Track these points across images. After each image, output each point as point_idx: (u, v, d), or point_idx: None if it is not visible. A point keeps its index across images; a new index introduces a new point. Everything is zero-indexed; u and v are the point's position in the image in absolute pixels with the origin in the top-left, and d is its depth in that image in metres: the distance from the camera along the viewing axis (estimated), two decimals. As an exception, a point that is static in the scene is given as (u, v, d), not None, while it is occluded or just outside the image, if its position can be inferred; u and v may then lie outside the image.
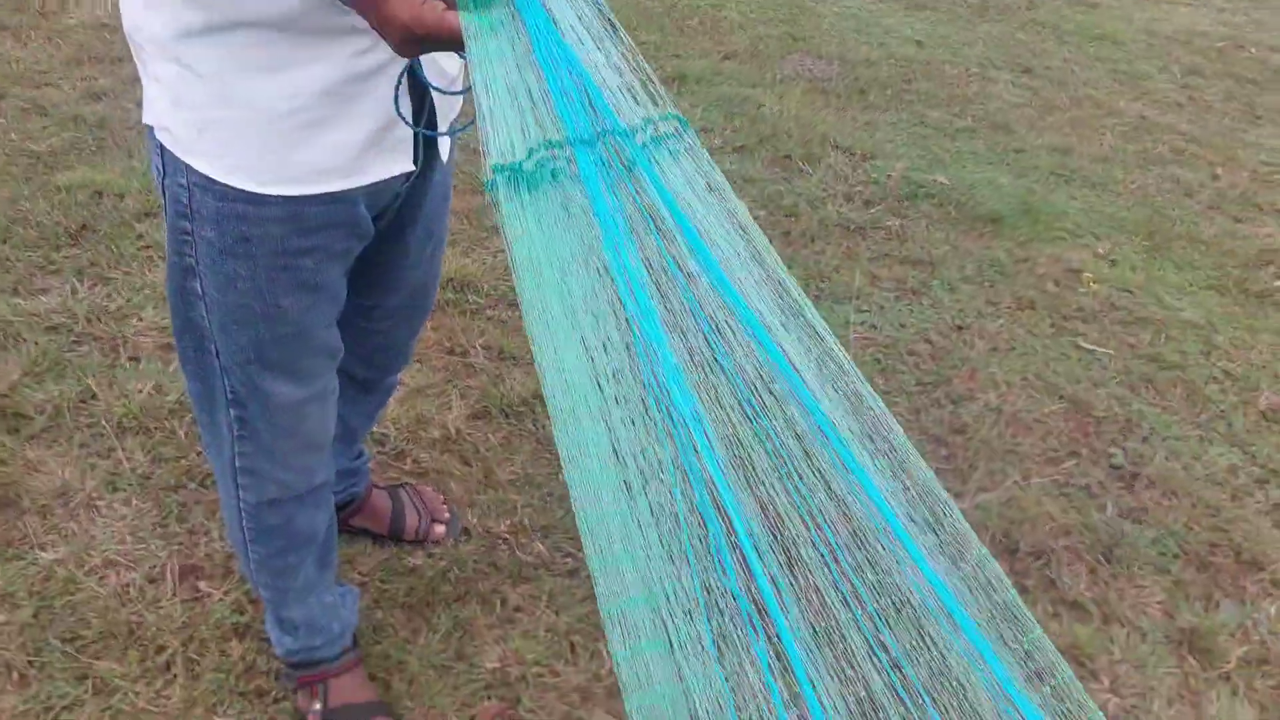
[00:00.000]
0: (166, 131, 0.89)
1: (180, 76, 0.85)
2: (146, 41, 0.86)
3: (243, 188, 0.89)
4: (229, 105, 0.86)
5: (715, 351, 0.67)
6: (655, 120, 0.67)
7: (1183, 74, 3.88)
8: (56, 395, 1.70)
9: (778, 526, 0.67)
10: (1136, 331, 2.25)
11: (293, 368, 1.04)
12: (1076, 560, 1.66)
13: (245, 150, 0.88)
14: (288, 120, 0.87)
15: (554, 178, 0.66)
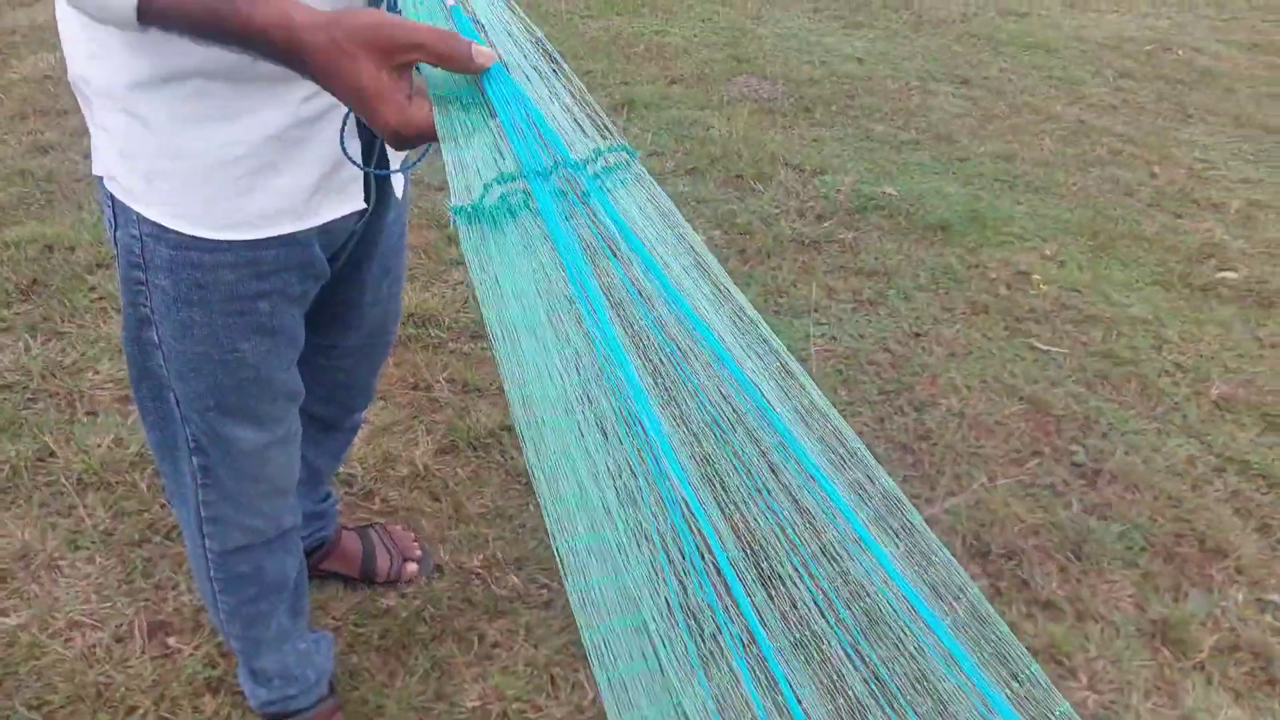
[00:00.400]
0: (115, 181, 0.89)
1: (128, 127, 0.85)
2: (93, 93, 0.86)
3: (195, 234, 0.89)
4: (177, 155, 0.86)
5: (679, 371, 0.68)
6: (604, 152, 0.69)
7: (1115, 78, 4.01)
8: (13, 455, 1.66)
9: (750, 542, 0.68)
10: (1088, 330, 2.31)
11: (254, 413, 1.03)
12: (1047, 559, 1.69)
13: (195, 198, 0.88)
14: (237, 167, 0.87)
15: (513, 213, 0.67)
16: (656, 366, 0.67)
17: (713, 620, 0.64)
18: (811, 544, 0.68)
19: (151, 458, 1.69)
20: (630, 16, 4.25)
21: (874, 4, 4.75)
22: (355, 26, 0.66)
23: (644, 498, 0.63)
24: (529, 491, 1.74)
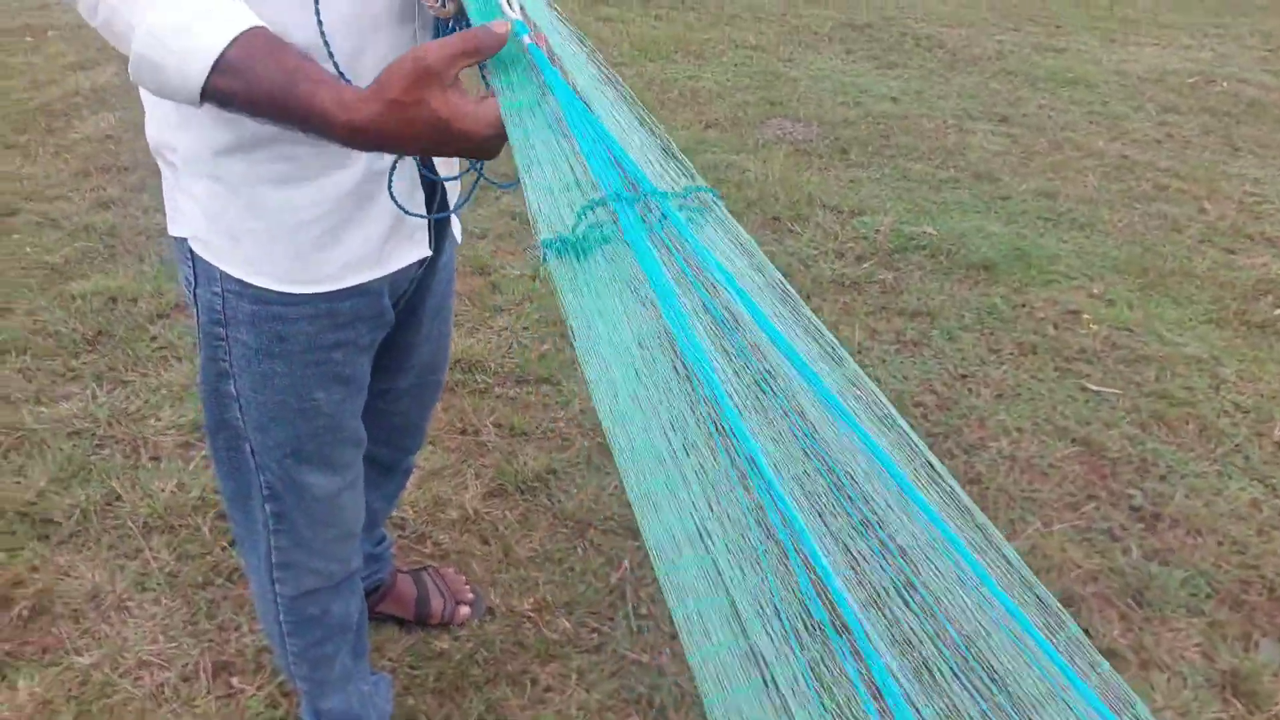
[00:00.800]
0: (201, 243, 0.93)
1: (212, 191, 0.89)
2: (179, 159, 0.91)
3: (279, 289, 0.93)
4: (261, 216, 0.90)
5: (774, 395, 0.69)
6: (691, 192, 0.71)
7: (1158, 112, 3.99)
8: (83, 499, 1.72)
9: (856, 563, 0.68)
10: (1141, 369, 2.28)
11: (327, 459, 1.06)
12: (1107, 606, 1.66)
13: (279, 255, 0.92)
14: (317, 225, 0.91)
15: (602, 242, 0.69)
16: (754, 394, 0.68)
17: (823, 642, 0.64)
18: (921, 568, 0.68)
19: (214, 502, 1.74)
20: (663, 63, 4.33)
21: (907, 44, 4.79)
22: (405, 76, 0.70)
23: (749, 519, 0.63)
24: (576, 534, 1.75)
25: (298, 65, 0.72)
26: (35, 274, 2.41)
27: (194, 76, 0.70)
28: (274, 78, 0.70)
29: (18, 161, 3.01)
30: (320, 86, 0.71)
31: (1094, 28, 5.27)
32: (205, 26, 0.70)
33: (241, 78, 0.71)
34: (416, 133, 0.71)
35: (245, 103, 0.73)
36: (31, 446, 1.85)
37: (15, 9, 4.56)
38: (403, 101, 0.70)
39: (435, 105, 0.70)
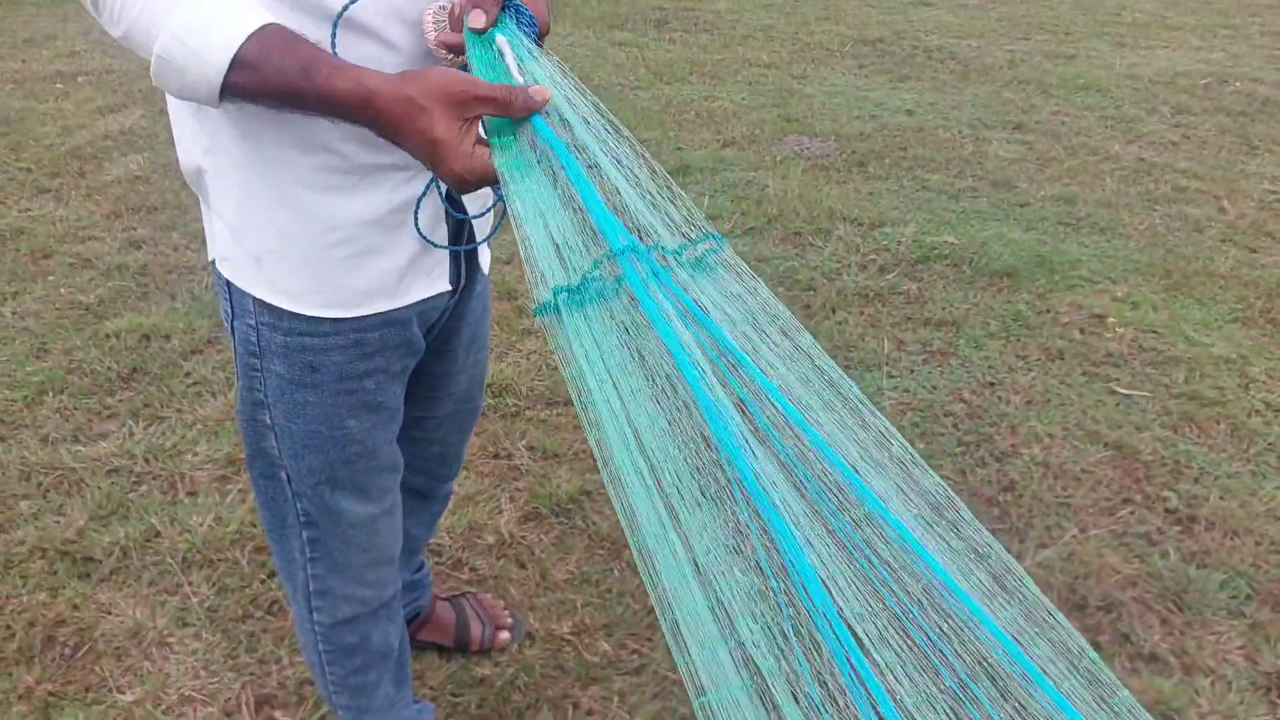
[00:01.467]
0: (227, 262, 0.96)
1: (239, 212, 0.92)
2: (209, 181, 0.94)
3: (303, 313, 0.95)
4: (284, 238, 0.92)
5: (778, 447, 0.69)
6: (697, 241, 0.73)
7: (1172, 113, 3.98)
8: (122, 537, 1.74)
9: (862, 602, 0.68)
10: (1169, 371, 2.26)
11: (362, 485, 1.08)
12: (1147, 610, 1.64)
13: (302, 277, 0.94)
14: (339, 249, 0.93)
15: (600, 295, 0.70)
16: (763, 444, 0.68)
17: (834, 678, 0.64)
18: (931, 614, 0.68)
19: (251, 535, 1.75)
20: (679, 85, 4.37)
21: (919, 57, 4.81)
22: (429, 84, 0.74)
23: (762, 560, 0.64)
24: (613, 556, 1.76)
25: (312, 54, 0.75)
26: (70, 314, 2.46)
27: (213, 74, 0.74)
28: (290, 67, 0.74)
29: (51, 205, 3.07)
30: (336, 72, 0.75)
31: (1103, 33, 5.27)
32: (221, 26, 0.74)
33: (260, 71, 0.74)
34: (409, 133, 0.75)
35: (264, 94, 0.76)
36: (71, 485, 1.88)
37: (47, 57, 4.67)
38: (415, 102, 0.74)
39: (437, 128, 0.74)
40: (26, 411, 2.09)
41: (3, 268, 2.68)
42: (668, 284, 0.70)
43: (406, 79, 0.75)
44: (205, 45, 0.74)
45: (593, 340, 0.71)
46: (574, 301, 0.72)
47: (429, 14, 0.83)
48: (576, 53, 4.81)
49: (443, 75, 0.75)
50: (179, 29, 0.74)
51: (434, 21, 0.83)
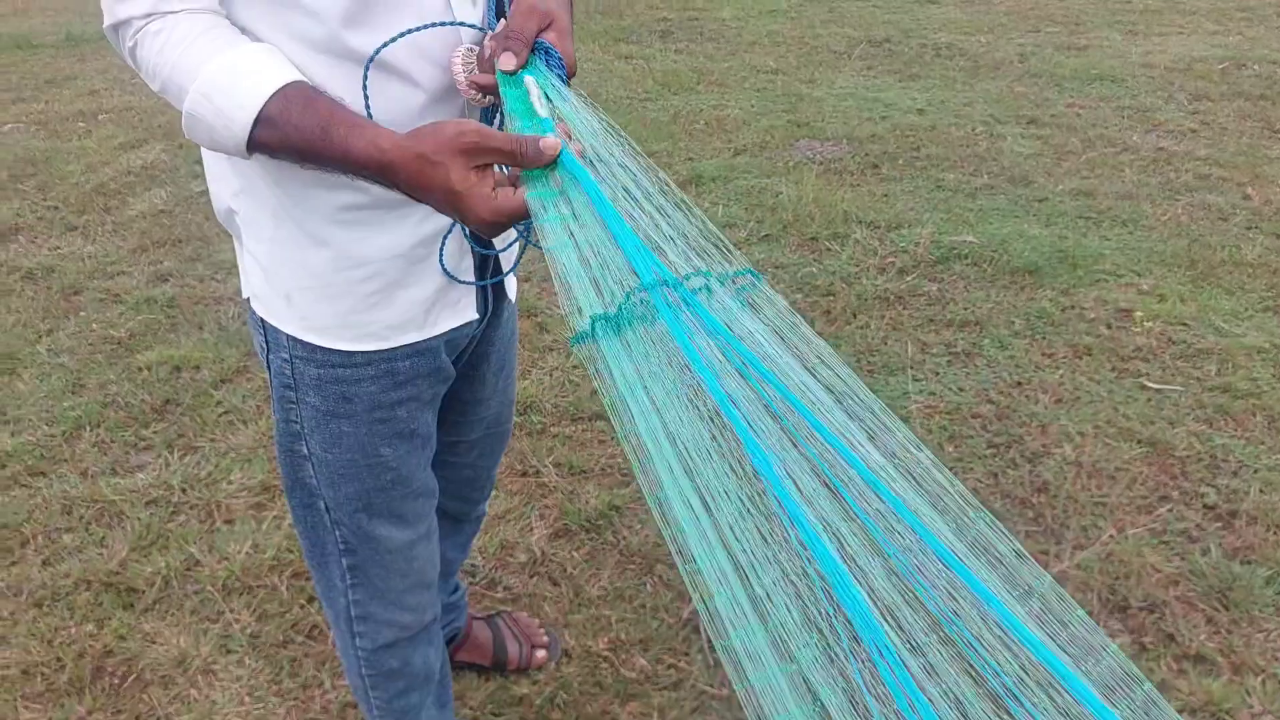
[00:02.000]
0: (259, 300, 0.99)
1: (270, 252, 0.95)
2: (242, 223, 0.96)
3: (333, 347, 0.97)
4: (313, 276, 0.95)
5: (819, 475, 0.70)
6: (730, 276, 0.73)
7: (1190, 101, 3.95)
8: (163, 566, 1.77)
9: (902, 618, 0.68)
10: (1201, 363, 2.24)
11: (398, 511, 1.09)
12: (1191, 610, 1.62)
13: (330, 314, 0.96)
14: (367, 285, 0.95)
15: (636, 322, 0.71)
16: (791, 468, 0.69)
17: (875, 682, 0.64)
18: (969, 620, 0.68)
19: (289, 560, 1.78)
20: (687, 95, 4.38)
21: (927, 55, 4.80)
22: (441, 139, 0.76)
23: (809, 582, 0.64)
24: (644, 570, 1.76)
25: (331, 113, 0.78)
26: (103, 349, 2.50)
27: (239, 131, 0.78)
28: (309, 126, 0.77)
29: (79, 242, 3.13)
30: (353, 131, 0.78)
31: (1115, 22, 5.23)
32: (245, 85, 0.77)
33: (281, 129, 0.78)
34: (429, 188, 0.77)
35: (288, 151, 0.80)
36: (111, 517, 1.92)
37: (69, 97, 4.76)
38: (429, 159, 0.76)
39: (454, 179, 0.76)
40: (66, 446, 2.13)
41: (36, 306, 2.74)
42: (701, 314, 0.71)
43: (419, 136, 0.77)
44: (230, 104, 0.77)
45: (632, 368, 0.72)
46: (611, 330, 0.73)
47: (457, 56, 0.85)
48: (584, 68, 4.84)
49: (455, 127, 0.76)
50: (206, 87, 0.77)
51: (463, 64, 0.85)
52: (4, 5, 7.26)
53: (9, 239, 3.18)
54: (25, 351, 2.50)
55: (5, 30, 6.25)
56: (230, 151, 0.81)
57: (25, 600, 1.72)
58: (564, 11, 0.88)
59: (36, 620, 1.68)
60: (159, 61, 0.78)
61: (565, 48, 0.86)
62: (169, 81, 0.79)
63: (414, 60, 0.85)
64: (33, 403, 2.28)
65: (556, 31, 0.86)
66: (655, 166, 0.80)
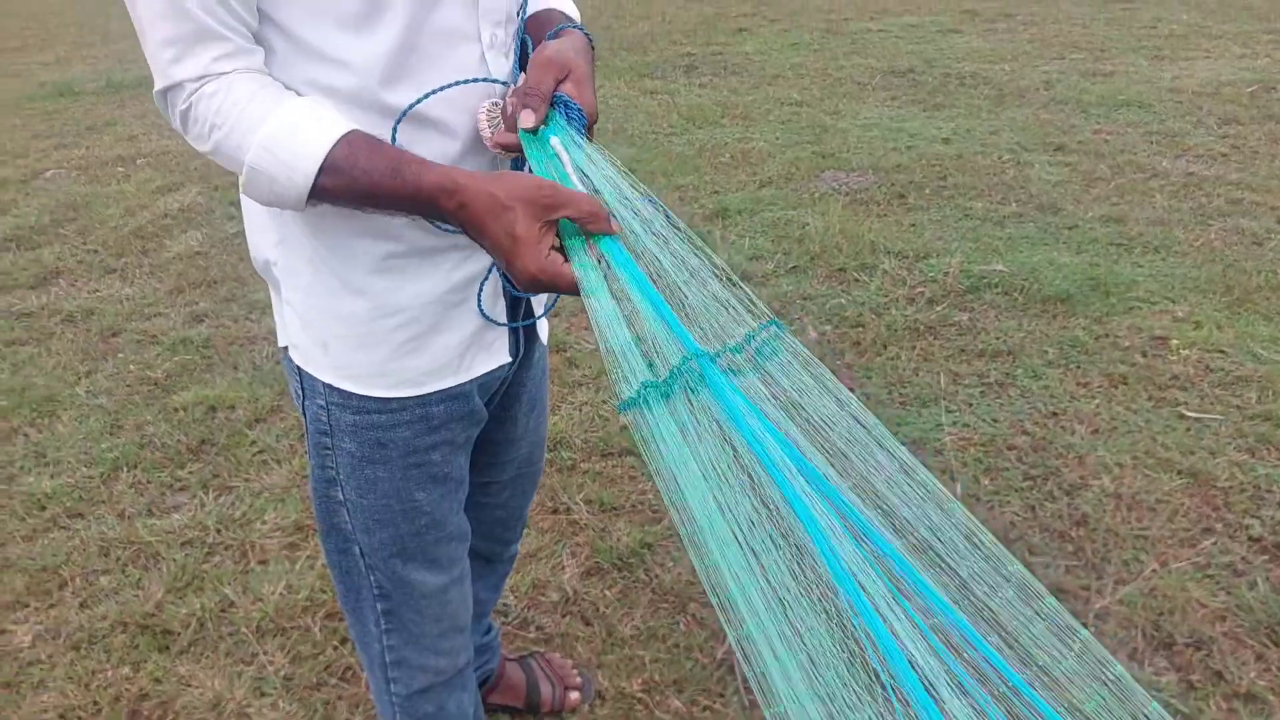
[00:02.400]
0: (297, 349, 1.00)
1: (306, 301, 0.96)
2: (280, 273, 0.97)
3: (369, 394, 0.98)
4: (350, 324, 0.96)
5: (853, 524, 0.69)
6: (758, 332, 0.74)
7: (1219, 125, 3.91)
8: (198, 608, 1.78)
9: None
10: (1240, 391, 2.20)
11: (432, 556, 1.09)
12: (1240, 646, 1.58)
13: (367, 360, 0.97)
14: (402, 332, 0.96)
15: (682, 390, 0.72)
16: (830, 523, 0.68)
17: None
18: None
19: (322, 601, 1.78)
20: (712, 129, 4.41)
21: (951, 84, 4.80)
22: (516, 185, 0.79)
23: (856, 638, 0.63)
24: (678, 609, 1.74)
25: (399, 155, 0.81)
26: (140, 390, 2.54)
27: (301, 180, 0.80)
28: (379, 168, 0.80)
29: (117, 284, 3.20)
30: (425, 167, 0.80)
31: (1139, 47, 5.21)
32: (308, 135, 0.79)
33: (348, 174, 0.80)
34: (491, 229, 0.79)
35: (351, 196, 0.82)
36: (147, 559, 1.94)
37: (108, 142, 4.90)
38: (500, 200, 0.78)
39: (519, 227, 0.78)
40: (103, 487, 2.16)
41: (75, 348, 2.79)
42: (737, 386, 0.72)
43: (493, 178, 0.79)
44: (293, 154, 0.79)
45: (677, 434, 0.73)
46: (660, 395, 0.74)
47: (482, 112, 0.87)
48: (609, 103, 4.89)
49: (531, 179, 0.79)
50: (268, 141, 0.79)
51: (488, 119, 0.86)
52: (47, 54, 7.50)
53: (50, 282, 3.26)
54: (65, 393, 2.54)
55: (48, 78, 6.46)
56: (290, 204, 0.83)
57: (63, 643, 1.74)
58: (582, 59, 0.89)
59: (74, 663, 1.69)
60: (217, 121, 0.80)
61: (585, 96, 0.87)
62: (225, 140, 0.81)
63: (450, 111, 0.87)
64: (72, 444, 2.32)
65: (574, 81, 0.87)
66: (673, 215, 0.81)
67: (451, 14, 0.85)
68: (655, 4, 7.60)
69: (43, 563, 1.93)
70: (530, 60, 0.88)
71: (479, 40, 0.88)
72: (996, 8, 6.48)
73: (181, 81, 0.81)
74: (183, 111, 0.82)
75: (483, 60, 0.88)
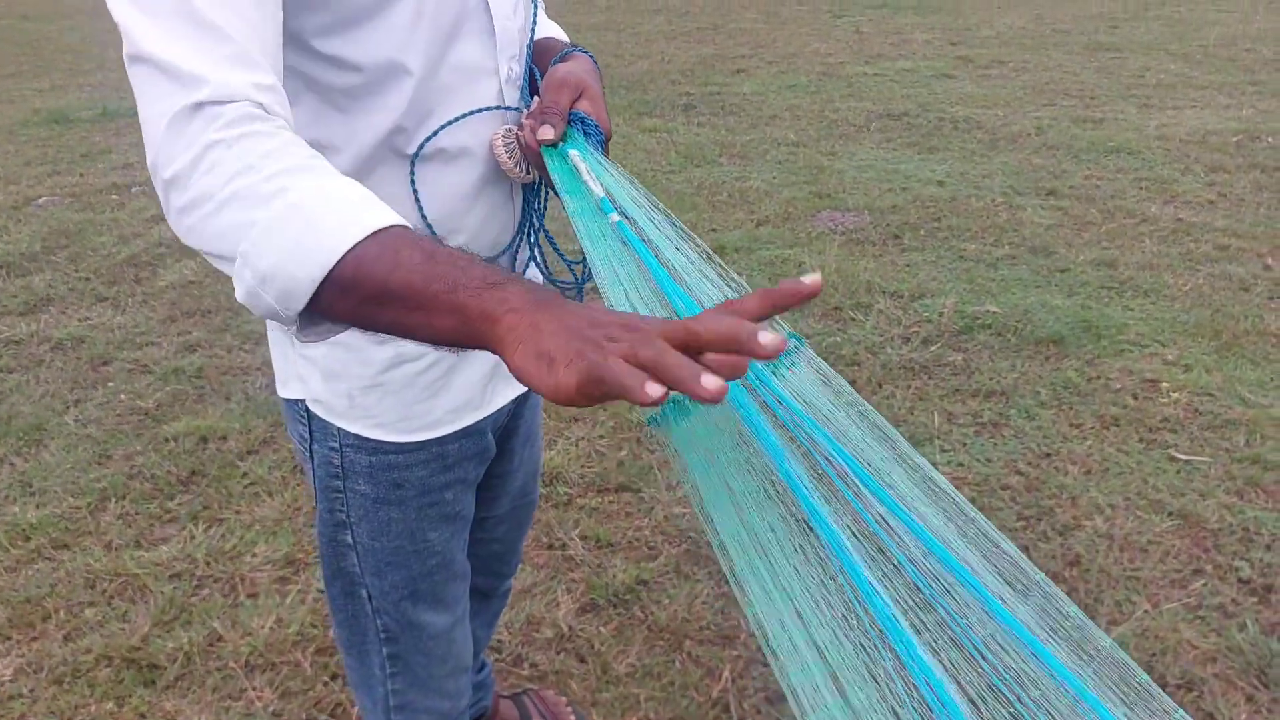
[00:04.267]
0: (319, 404, 0.97)
1: (330, 354, 0.94)
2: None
3: (394, 440, 0.97)
4: (375, 373, 0.94)
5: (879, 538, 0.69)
6: None
7: (1206, 172, 3.98)
8: (186, 642, 1.75)
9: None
10: (1229, 434, 2.22)
11: (440, 596, 1.08)
12: (1230, 688, 1.57)
13: (393, 409, 0.96)
14: (426, 375, 0.95)
15: (694, 409, 0.71)
16: (861, 534, 0.68)
17: None
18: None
19: (313, 636, 1.76)
20: (710, 167, 4.46)
21: (945, 128, 4.88)
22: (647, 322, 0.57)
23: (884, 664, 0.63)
24: (673, 647, 1.73)
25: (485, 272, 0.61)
26: (130, 419, 2.52)
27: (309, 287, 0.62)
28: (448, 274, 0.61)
29: (110, 313, 3.19)
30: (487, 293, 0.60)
31: (1129, 95, 5.32)
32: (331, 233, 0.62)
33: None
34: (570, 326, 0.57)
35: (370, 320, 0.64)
36: (134, 591, 1.91)
37: (103, 170, 4.90)
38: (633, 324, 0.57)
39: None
40: (90, 518, 2.14)
41: (65, 376, 2.77)
42: (770, 388, 0.71)
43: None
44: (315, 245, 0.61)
45: (706, 446, 0.72)
46: (684, 410, 0.73)
47: (498, 139, 0.87)
48: (607, 140, 4.94)
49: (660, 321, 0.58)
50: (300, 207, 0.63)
51: (505, 147, 0.87)
52: (42, 80, 7.54)
53: (40, 310, 3.24)
54: (53, 422, 2.52)
55: (43, 105, 6.48)
56: (284, 321, 0.66)
57: (45, 677, 1.70)
58: (593, 79, 0.90)
59: (56, 698, 1.66)
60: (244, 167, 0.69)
61: (599, 113, 0.88)
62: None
63: (471, 139, 0.87)
64: (59, 474, 2.30)
65: (589, 99, 0.88)
66: (691, 233, 0.81)
67: (469, 49, 0.86)
68: (654, 44, 7.71)
69: (26, 594, 1.90)
70: (543, 82, 0.89)
71: (497, 75, 0.89)
72: (989, 54, 6.60)
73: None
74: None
75: (500, 95, 0.89)
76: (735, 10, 9.28)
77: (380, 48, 0.80)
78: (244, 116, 0.64)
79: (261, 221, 0.61)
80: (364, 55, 0.79)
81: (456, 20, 0.84)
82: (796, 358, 0.76)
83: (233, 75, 0.65)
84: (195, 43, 0.65)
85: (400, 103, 0.82)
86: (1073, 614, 0.61)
